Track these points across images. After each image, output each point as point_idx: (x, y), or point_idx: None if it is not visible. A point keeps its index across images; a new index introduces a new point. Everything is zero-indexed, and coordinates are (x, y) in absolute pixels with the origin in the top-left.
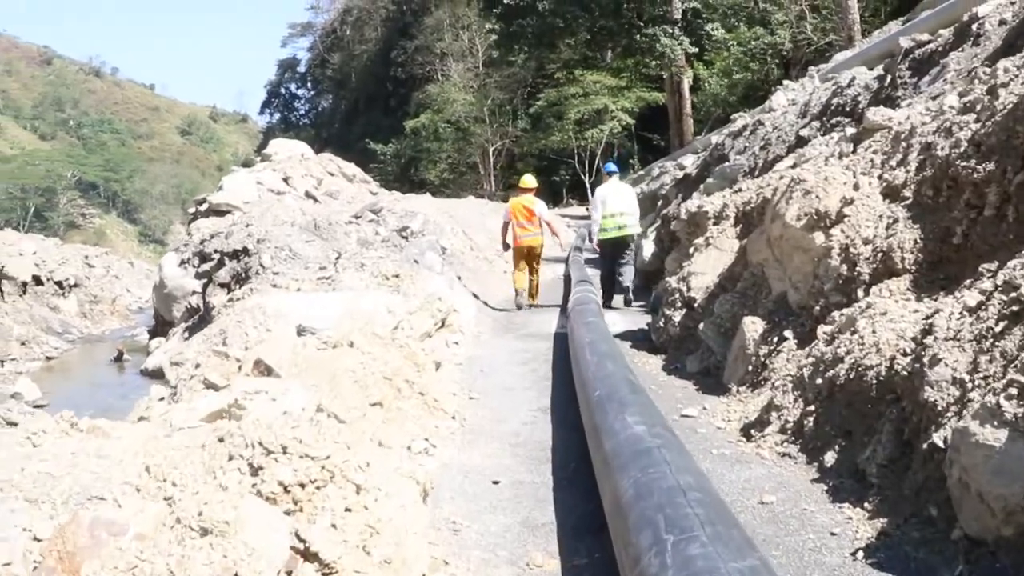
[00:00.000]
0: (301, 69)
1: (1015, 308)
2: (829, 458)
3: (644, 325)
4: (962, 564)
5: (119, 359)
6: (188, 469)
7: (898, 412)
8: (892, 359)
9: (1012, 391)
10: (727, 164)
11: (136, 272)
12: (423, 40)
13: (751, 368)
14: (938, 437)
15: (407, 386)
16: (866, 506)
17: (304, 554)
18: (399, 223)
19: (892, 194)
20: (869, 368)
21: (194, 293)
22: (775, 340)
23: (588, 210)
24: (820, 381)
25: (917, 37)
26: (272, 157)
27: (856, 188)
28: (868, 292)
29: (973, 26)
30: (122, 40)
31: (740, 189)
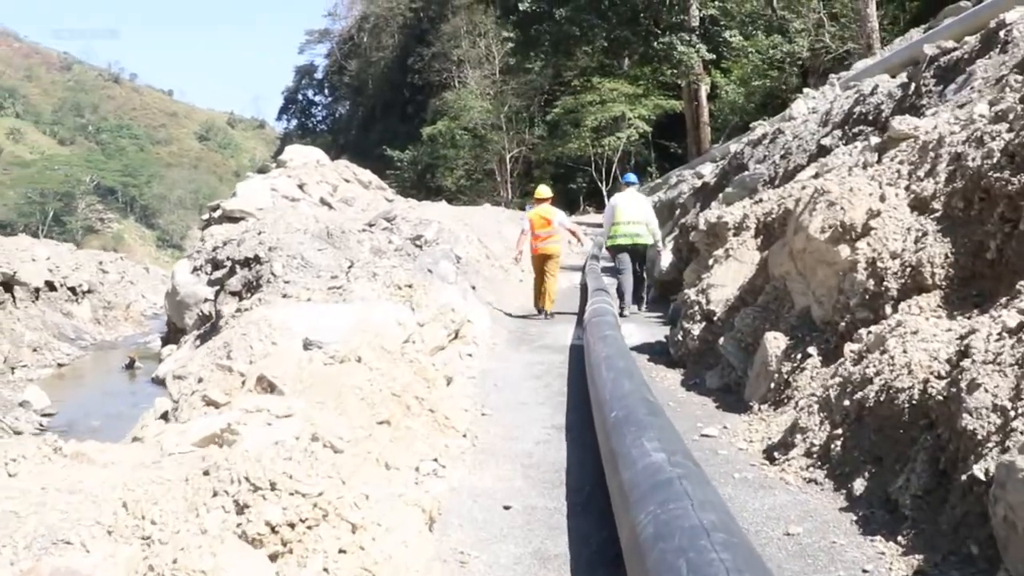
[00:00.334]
0: (318, 75)
1: None
2: (858, 485)
3: (662, 337)
4: None
5: (131, 367)
6: (169, 505)
7: (933, 439)
8: (926, 382)
9: None
10: (747, 173)
11: (152, 277)
12: (440, 47)
13: (773, 385)
14: (979, 469)
15: (416, 403)
16: (900, 540)
17: None
18: (413, 231)
19: (920, 206)
20: (901, 391)
21: (206, 301)
22: (798, 357)
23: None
24: (848, 403)
25: (942, 44)
26: (287, 163)
27: (882, 199)
28: (896, 308)
29: (1001, 33)
30: (141, 46)
31: (761, 199)
